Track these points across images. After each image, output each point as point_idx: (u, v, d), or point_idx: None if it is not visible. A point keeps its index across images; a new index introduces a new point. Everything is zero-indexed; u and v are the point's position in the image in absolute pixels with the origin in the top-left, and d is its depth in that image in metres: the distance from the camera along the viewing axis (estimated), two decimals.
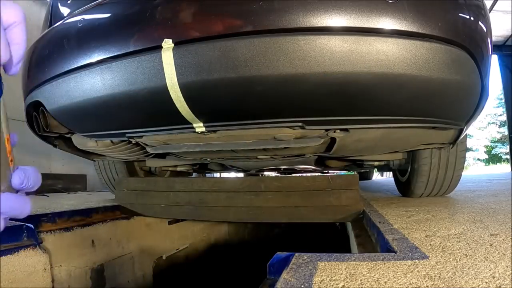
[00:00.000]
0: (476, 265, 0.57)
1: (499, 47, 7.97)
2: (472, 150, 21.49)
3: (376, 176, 6.97)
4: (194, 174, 2.99)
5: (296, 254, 0.67)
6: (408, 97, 0.94)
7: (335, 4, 0.81)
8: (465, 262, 0.59)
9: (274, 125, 1.07)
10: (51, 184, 3.61)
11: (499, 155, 20.92)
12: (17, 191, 0.37)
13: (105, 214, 1.62)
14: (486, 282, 0.49)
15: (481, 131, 22.00)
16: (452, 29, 0.86)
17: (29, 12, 3.75)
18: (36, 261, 1.18)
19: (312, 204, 1.37)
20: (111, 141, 1.46)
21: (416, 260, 0.61)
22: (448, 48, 0.86)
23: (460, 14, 0.89)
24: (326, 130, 1.15)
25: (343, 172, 3.64)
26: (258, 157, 1.64)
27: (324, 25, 0.81)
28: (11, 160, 0.37)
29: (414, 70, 0.85)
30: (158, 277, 1.94)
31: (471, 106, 1.07)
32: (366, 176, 4.99)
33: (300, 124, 1.05)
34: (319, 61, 0.82)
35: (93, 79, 1.01)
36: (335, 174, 1.82)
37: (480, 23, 0.94)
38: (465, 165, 1.68)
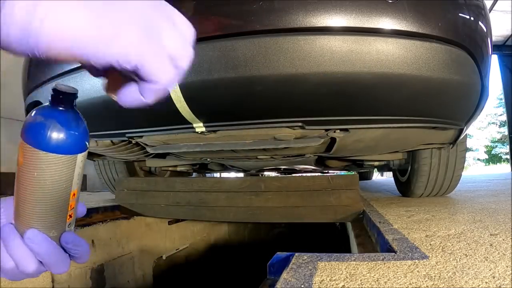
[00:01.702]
0: (476, 265, 0.57)
1: (499, 47, 7.96)
2: (472, 150, 21.48)
3: (376, 176, 6.97)
4: (194, 174, 2.99)
5: (296, 254, 0.67)
6: (408, 97, 0.94)
7: (335, 4, 0.81)
8: (465, 262, 0.59)
9: (274, 125, 1.07)
10: None
11: (499, 155, 20.91)
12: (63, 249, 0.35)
13: (105, 214, 1.62)
14: (486, 282, 0.49)
15: (481, 131, 21.99)
16: (452, 29, 0.86)
17: None
18: None
19: (312, 204, 1.37)
20: (111, 141, 1.46)
21: (416, 260, 0.60)
22: (448, 48, 0.86)
23: (460, 14, 0.89)
24: (326, 130, 1.15)
25: (343, 172, 3.64)
26: (258, 157, 1.64)
27: (324, 25, 0.81)
28: (70, 216, 0.35)
29: (414, 70, 0.85)
30: (158, 277, 1.94)
31: (471, 106, 1.07)
32: (366, 176, 4.99)
33: (300, 124, 1.05)
34: (319, 61, 0.82)
35: (93, 79, 1.01)
36: (335, 174, 1.82)
37: (480, 23, 0.94)
38: (465, 165, 1.68)
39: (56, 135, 0.30)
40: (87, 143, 0.34)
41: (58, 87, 0.30)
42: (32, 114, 0.30)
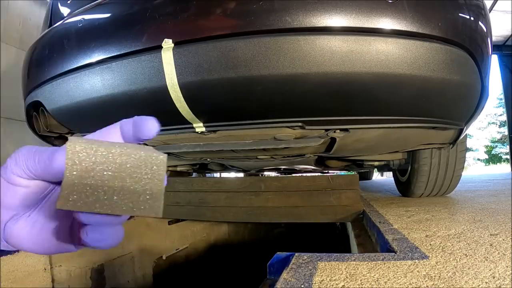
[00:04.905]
0: (476, 265, 0.57)
1: (499, 47, 7.96)
2: (472, 150, 21.47)
3: (376, 176, 6.96)
4: (194, 174, 2.99)
5: (296, 254, 0.67)
6: (408, 97, 0.94)
7: (335, 4, 0.81)
8: (465, 262, 0.59)
9: (274, 125, 1.07)
10: None
11: (499, 155, 20.91)
12: None
13: None
14: (486, 282, 0.49)
15: (481, 131, 21.99)
16: (452, 29, 0.86)
17: (29, 12, 3.75)
18: (36, 261, 1.18)
19: (312, 204, 1.37)
20: None
21: (416, 260, 0.60)
22: (448, 48, 0.86)
23: (460, 14, 0.89)
24: (326, 130, 1.14)
25: (343, 172, 3.64)
26: (258, 157, 1.64)
27: (324, 25, 0.81)
28: None
29: (414, 70, 0.85)
30: (158, 277, 1.94)
31: (471, 106, 1.07)
32: (366, 176, 4.99)
33: (300, 124, 1.05)
34: (319, 61, 0.82)
35: (93, 79, 1.01)
36: (335, 174, 1.82)
37: (480, 23, 0.94)
38: (465, 165, 1.68)
39: None
40: None
41: None
42: None
